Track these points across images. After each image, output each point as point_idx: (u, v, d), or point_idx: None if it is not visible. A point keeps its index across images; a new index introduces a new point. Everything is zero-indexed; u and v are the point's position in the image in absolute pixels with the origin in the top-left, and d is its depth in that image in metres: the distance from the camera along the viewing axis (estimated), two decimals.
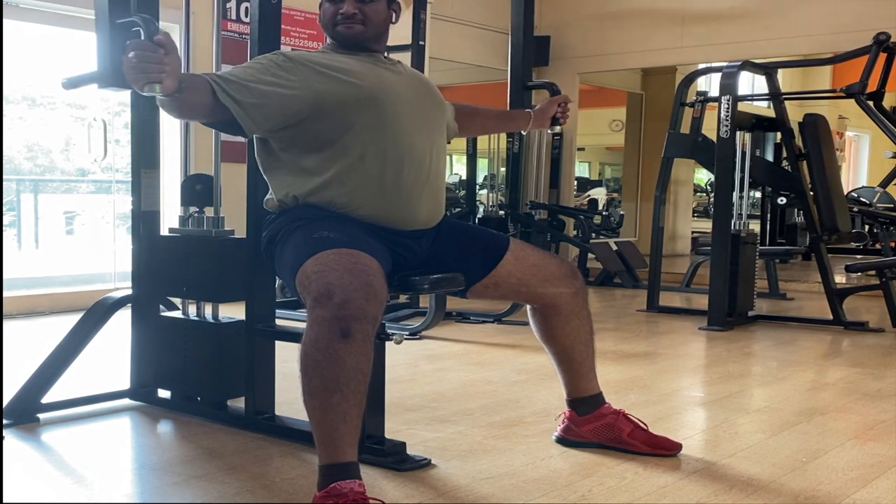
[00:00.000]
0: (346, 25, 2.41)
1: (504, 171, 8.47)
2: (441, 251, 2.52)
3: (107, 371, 3.50)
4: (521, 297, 2.61)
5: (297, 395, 2.09)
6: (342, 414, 2.00)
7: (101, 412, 3.05)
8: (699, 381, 3.95)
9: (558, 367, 2.68)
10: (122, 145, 5.94)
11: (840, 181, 6.03)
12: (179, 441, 2.78)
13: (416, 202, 2.43)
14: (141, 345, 3.13)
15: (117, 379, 3.24)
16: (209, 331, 2.96)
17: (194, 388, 2.99)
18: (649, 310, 5.91)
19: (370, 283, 2.04)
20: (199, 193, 3.04)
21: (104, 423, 2.95)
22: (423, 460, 2.51)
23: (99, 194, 6.50)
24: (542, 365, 3.77)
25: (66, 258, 6.59)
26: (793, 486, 2.40)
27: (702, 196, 15.07)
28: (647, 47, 7.99)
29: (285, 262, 2.29)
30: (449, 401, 3.31)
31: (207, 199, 3.05)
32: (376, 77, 2.41)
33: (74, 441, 2.77)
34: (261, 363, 2.81)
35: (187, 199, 3.06)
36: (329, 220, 2.30)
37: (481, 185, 9.11)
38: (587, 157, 16.20)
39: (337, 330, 1.96)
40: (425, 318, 4.61)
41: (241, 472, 2.42)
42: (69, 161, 6.47)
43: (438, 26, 6.46)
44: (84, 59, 5.89)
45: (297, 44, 6.30)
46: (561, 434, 2.73)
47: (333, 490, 1.99)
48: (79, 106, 6.23)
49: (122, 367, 3.23)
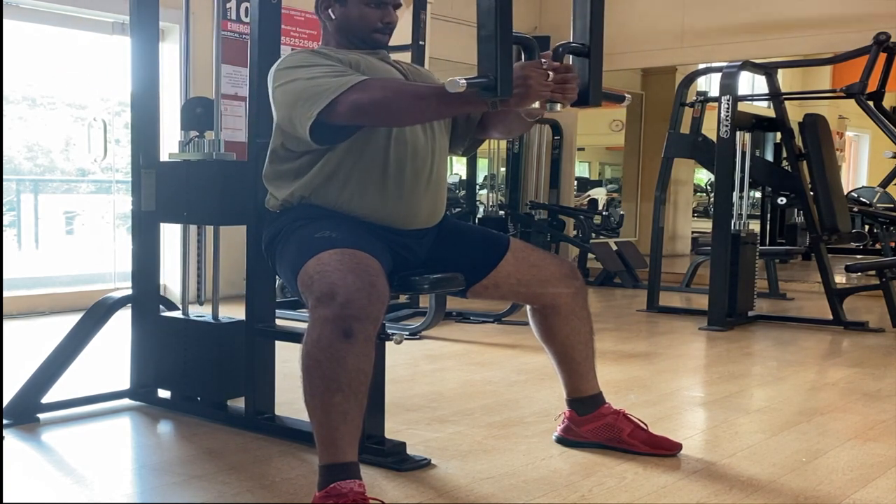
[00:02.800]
0: (385, 35, 2.45)
1: (504, 171, 8.48)
2: (441, 251, 2.52)
3: (107, 371, 3.49)
4: (520, 297, 2.61)
5: (298, 395, 2.09)
6: (343, 414, 2.00)
7: (101, 412, 3.04)
8: (699, 381, 3.94)
9: (558, 367, 2.67)
10: (123, 145, 5.92)
11: (840, 181, 6.03)
12: (179, 441, 2.78)
13: (418, 201, 2.42)
14: (141, 345, 3.13)
15: (117, 379, 3.23)
16: (209, 330, 2.95)
17: (194, 388, 2.98)
18: (649, 310, 5.90)
19: (372, 284, 2.04)
20: (200, 117, 2.99)
21: (104, 423, 2.94)
22: (423, 460, 2.51)
23: (99, 194, 6.50)
24: (542, 365, 3.77)
25: (67, 258, 6.57)
26: (793, 486, 2.39)
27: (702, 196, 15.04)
28: (647, 47, 7.99)
29: (287, 261, 2.29)
30: (449, 401, 3.31)
31: (208, 123, 3.00)
32: (382, 72, 2.40)
33: (74, 441, 2.76)
34: (261, 363, 2.80)
35: (187, 122, 3.01)
36: (330, 219, 2.30)
37: (481, 185, 9.10)
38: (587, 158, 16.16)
39: (339, 330, 1.97)
40: (425, 318, 4.60)
41: (241, 472, 2.42)
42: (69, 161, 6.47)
43: (439, 26, 6.46)
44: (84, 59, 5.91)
45: (297, 44, 6.30)
46: (561, 434, 2.72)
47: (333, 490, 1.99)
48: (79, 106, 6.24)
49: (122, 368, 3.22)
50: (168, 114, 3.74)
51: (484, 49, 1.97)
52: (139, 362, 3.13)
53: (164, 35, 5.52)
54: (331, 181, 2.34)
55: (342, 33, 2.46)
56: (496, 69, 1.94)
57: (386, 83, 2.25)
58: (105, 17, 5.66)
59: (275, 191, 2.44)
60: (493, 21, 1.95)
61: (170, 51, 5.64)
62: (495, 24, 1.95)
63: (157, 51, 3.13)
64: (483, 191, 8.91)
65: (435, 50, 6.23)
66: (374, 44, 2.45)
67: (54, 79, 6.10)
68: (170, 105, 4.04)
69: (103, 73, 5.97)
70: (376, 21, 2.42)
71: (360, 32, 2.44)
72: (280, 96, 2.28)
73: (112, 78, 5.91)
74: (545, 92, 2.04)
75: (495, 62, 1.94)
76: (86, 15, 5.58)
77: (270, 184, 2.46)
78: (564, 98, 2.10)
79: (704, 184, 15.12)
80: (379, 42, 2.46)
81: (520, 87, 1.98)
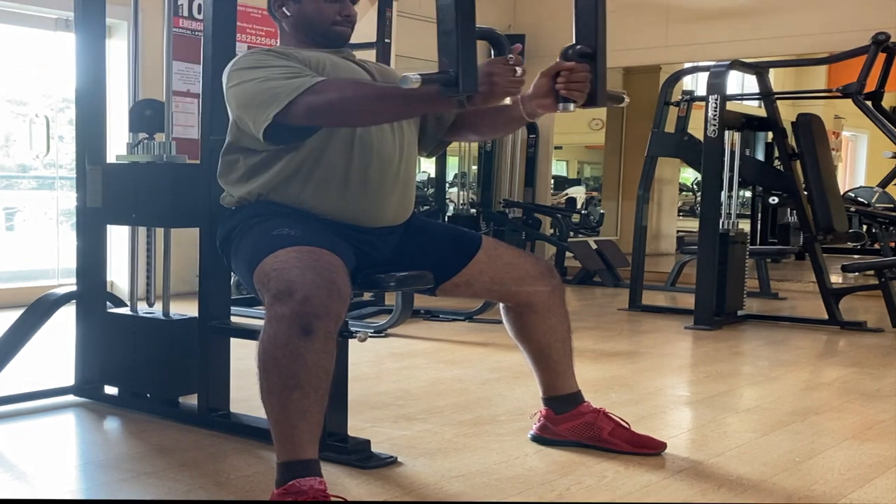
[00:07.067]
0: (346, 28, 2.39)
1: (476, 169, 8.35)
2: (409, 248, 2.45)
3: (50, 368, 3.35)
4: (493, 295, 2.55)
5: (253, 393, 2.03)
6: (302, 411, 1.95)
7: (44, 408, 2.92)
8: (685, 380, 3.80)
9: (534, 366, 2.58)
10: (67, 142, 5.86)
11: (836, 181, 5.91)
12: (127, 438, 2.67)
13: (384, 199, 2.35)
14: (86, 341, 3.01)
15: (61, 375, 3.09)
16: (160, 327, 2.87)
17: (143, 384, 2.88)
18: (631, 308, 5.75)
19: (333, 281, 1.99)
20: (149, 119, 2.93)
21: (47, 420, 2.83)
22: (389, 458, 2.41)
23: (41, 190, 6.47)
24: (515, 363, 3.61)
25: (7, 254, 6.50)
26: (786, 486, 2.27)
27: (688, 195, 15.01)
28: (629, 46, 7.87)
29: (242, 259, 2.22)
30: (416, 399, 3.16)
31: (158, 126, 2.93)
32: (348, 71, 2.33)
33: (15, 437, 2.67)
34: (215, 360, 2.72)
35: (136, 125, 2.95)
36: (289, 216, 2.23)
37: (451, 183, 8.95)
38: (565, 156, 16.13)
39: (297, 327, 1.92)
40: (391, 316, 4.44)
41: (193, 469, 2.32)
42: (9, 157, 6.42)
43: (405, 24, 6.35)
44: (25, 56, 5.78)
45: (254, 41, 6.15)
46: (537, 433, 2.60)
47: (292, 487, 1.94)
48: (19, 102, 6.20)
49: (66, 364, 3.09)
50: (115, 112, 3.64)
51: (444, 43, 1.92)
52: (84, 359, 3.02)
53: (111, 32, 5.39)
54: (291, 179, 2.26)
55: (301, 31, 2.39)
56: (457, 64, 1.89)
57: (343, 84, 2.18)
58: (48, 14, 5.48)
59: (231, 188, 2.35)
60: (454, 14, 1.91)
61: (118, 48, 5.49)
62: (455, 17, 1.90)
63: (103, 47, 3.06)
64: (453, 189, 8.76)
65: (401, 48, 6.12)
66: (336, 37, 2.38)
67: None
68: (118, 102, 3.90)
69: (46, 69, 5.89)
70: (334, 14, 2.37)
71: (319, 28, 2.37)
72: (234, 97, 2.22)
73: (55, 74, 5.83)
74: (512, 88, 2.00)
75: (456, 57, 1.89)
76: (28, 11, 5.43)
77: (226, 180, 2.36)
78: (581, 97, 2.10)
79: (691, 183, 15.09)
80: (340, 35, 2.39)
81: (485, 84, 1.94)
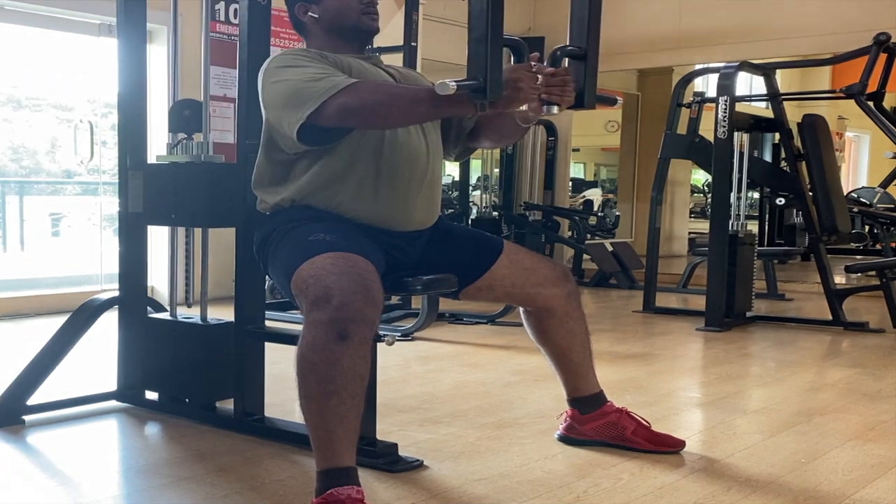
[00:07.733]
0: (372, 17, 2.41)
1: (497, 172, 8.45)
2: (435, 252, 2.50)
3: (93, 373, 3.45)
4: (514, 299, 2.60)
5: (288, 397, 2.09)
6: (339, 417, 1.97)
7: (88, 414, 3.00)
8: (696, 381, 3.91)
9: (557, 369, 2.66)
10: (109, 147, 5.90)
11: (840, 182, 5.99)
12: (167, 443, 2.75)
13: (412, 203, 2.40)
14: (128, 346, 3.09)
15: (104, 381, 3.19)
16: (197, 332, 2.93)
17: (182, 389, 2.96)
18: (645, 311, 5.86)
19: (367, 287, 2.02)
20: (188, 119, 2.97)
21: (90, 425, 2.90)
22: (416, 461, 2.48)
23: (85, 196, 6.48)
24: (536, 366, 3.73)
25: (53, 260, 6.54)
26: (792, 487, 2.36)
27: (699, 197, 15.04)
28: (643, 48, 7.96)
29: (279, 264, 2.26)
30: (441, 402, 3.26)
31: (196, 125, 2.98)
32: (374, 76, 2.38)
33: (60, 443, 2.72)
34: (250, 365, 2.77)
35: (175, 125, 2.99)
36: (323, 221, 2.28)
37: (474, 186, 9.06)
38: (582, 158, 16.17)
39: (334, 332, 1.95)
40: (417, 320, 4.56)
41: (230, 474, 2.39)
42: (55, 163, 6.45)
43: (431, 27, 6.42)
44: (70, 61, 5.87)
45: (287, 45, 6.24)
46: (563, 433, 2.70)
47: (331, 496, 1.96)
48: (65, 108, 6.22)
49: (108, 370, 3.18)
50: (156, 116, 3.71)
51: (474, 51, 1.95)
52: (126, 364, 3.10)
53: (151, 37, 5.49)
54: (324, 186, 2.31)
55: (332, 31, 2.43)
56: (486, 71, 1.93)
57: (375, 86, 2.23)
58: (91, 19, 5.61)
59: (265, 195, 2.41)
60: (485, 23, 1.94)
61: (157, 52, 5.60)
62: (487, 26, 1.94)
63: (144, 52, 3.11)
64: (476, 192, 8.88)
65: (427, 51, 6.20)
66: (366, 29, 2.42)
67: (40, 81, 6.07)
68: (158, 107, 4.01)
69: (90, 74, 5.94)
70: (357, 4, 2.39)
71: (347, 21, 2.41)
72: (269, 96, 2.26)
73: (99, 80, 5.88)
74: (535, 94, 2.05)
75: (485, 64, 1.93)
76: (72, 17, 5.54)
77: (260, 188, 2.42)
78: (563, 101, 2.11)
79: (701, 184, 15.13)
80: (370, 27, 2.42)
81: (510, 90, 1.98)
